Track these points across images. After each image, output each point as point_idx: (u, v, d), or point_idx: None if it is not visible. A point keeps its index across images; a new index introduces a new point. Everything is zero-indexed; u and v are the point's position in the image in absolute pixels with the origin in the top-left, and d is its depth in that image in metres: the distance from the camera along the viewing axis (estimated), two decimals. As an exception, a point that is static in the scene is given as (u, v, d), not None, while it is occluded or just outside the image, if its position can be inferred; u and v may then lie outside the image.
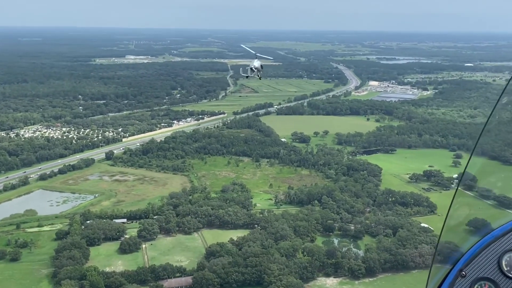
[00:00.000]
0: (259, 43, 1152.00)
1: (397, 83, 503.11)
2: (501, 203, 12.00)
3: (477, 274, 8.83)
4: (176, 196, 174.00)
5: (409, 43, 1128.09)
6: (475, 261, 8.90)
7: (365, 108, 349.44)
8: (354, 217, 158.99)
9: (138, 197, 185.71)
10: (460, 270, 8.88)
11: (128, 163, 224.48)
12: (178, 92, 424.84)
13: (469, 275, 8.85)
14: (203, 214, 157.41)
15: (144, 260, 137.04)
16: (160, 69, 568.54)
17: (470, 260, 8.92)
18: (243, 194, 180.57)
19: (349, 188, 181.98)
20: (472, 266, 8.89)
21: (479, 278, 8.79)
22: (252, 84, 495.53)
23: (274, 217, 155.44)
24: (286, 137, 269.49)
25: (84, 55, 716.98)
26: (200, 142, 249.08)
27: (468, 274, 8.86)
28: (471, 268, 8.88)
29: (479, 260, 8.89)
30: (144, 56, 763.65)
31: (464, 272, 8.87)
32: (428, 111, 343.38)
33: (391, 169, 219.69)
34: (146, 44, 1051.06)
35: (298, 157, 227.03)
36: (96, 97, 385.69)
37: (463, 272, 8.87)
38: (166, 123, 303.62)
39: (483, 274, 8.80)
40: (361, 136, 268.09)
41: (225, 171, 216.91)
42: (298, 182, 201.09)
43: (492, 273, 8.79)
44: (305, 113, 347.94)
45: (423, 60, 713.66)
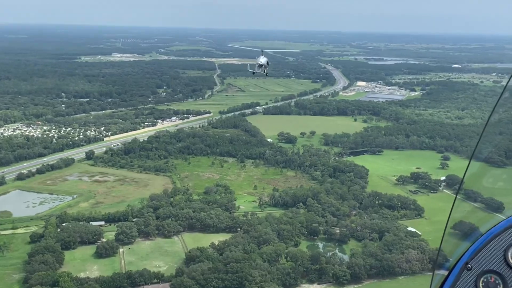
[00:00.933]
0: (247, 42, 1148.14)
1: (385, 84, 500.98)
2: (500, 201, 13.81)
3: (483, 267, 8.72)
4: (157, 198, 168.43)
5: (397, 44, 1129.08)
6: (481, 254, 8.78)
7: (353, 108, 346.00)
8: (340, 220, 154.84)
9: (117, 198, 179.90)
10: (466, 263, 8.79)
11: (109, 163, 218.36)
12: (164, 90, 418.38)
13: (474, 268, 8.75)
14: (184, 217, 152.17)
15: (121, 265, 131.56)
16: (146, 67, 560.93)
17: (475, 253, 8.82)
18: (226, 196, 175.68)
19: (335, 190, 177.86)
20: (478, 259, 8.79)
21: (485, 271, 8.68)
22: (239, 83, 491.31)
23: (258, 220, 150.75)
24: (272, 138, 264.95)
25: (70, 53, 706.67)
26: (184, 142, 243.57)
27: (474, 267, 8.75)
28: (477, 261, 8.78)
29: (485, 253, 8.77)
30: (130, 54, 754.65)
31: (470, 265, 8.76)
32: (415, 112, 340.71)
33: (378, 170, 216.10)
34: (133, 42, 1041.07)
35: (284, 158, 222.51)
36: (79, 95, 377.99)
37: (469, 265, 8.77)
38: (150, 122, 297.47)
39: (489, 267, 8.68)
40: (348, 136, 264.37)
41: (209, 172, 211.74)
42: (283, 184, 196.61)
43: (498, 266, 8.65)
44: (292, 113, 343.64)
45: (411, 61, 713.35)
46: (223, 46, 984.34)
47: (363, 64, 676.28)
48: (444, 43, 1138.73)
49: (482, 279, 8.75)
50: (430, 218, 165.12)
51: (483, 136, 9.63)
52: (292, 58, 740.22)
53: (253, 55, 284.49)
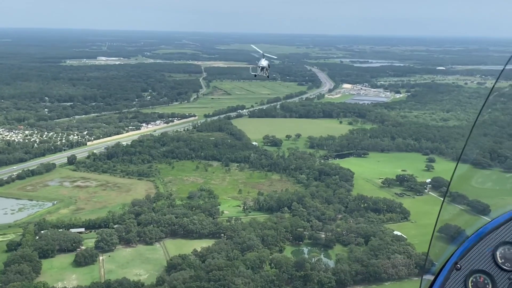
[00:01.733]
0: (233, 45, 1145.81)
1: (370, 86, 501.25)
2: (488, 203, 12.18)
3: (472, 267, 8.77)
4: (139, 203, 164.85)
5: (382, 47, 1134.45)
6: (470, 254, 8.85)
7: (338, 111, 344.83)
8: (325, 224, 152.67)
9: (99, 204, 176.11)
10: (455, 263, 8.81)
11: (91, 168, 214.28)
12: (149, 94, 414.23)
13: (464, 267, 8.80)
14: (166, 223, 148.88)
15: (100, 273, 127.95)
16: (132, 70, 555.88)
17: (465, 253, 8.87)
18: (210, 201, 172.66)
19: (321, 194, 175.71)
20: (467, 259, 8.84)
21: (474, 271, 8.73)
22: (225, 86, 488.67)
23: (242, 225, 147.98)
24: (257, 141, 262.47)
25: (55, 56, 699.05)
26: (168, 146, 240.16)
27: (463, 267, 8.81)
28: (466, 260, 8.83)
29: (474, 253, 8.85)
30: (116, 57, 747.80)
31: (459, 265, 8.82)
32: (400, 114, 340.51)
33: (364, 173, 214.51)
34: (119, 46, 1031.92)
35: (269, 161, 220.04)
36: (63, 99, 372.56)
37: (458, 265, 8.81)
38: (134, 126, 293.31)
39: (478, 266, 8.74)
40: (333, 139, 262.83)
41: (193, 176, 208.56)
42: (268, 188, 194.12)
43: (487, 266, 8.72)
44: (277, 116, 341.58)
45: (396, 64, 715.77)
46: (210, 49, 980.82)
47: (349, 66, 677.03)
48: (429, 46, 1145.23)
49: (471, 279, 8.71)
50: (416, 221, 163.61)
51: (469, 138, 9.64)
52: (279, 61, 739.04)
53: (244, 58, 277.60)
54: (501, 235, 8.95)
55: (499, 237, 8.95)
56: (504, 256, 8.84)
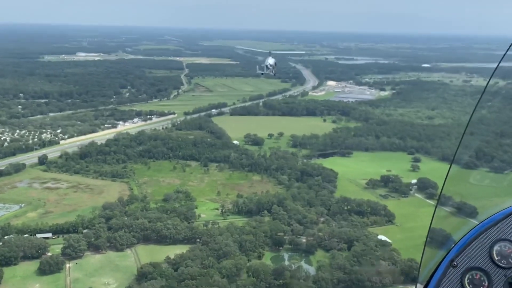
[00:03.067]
0: (217, 41, 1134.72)
1: (355, 83, 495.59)
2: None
3: (468, 264, 8.80)
4: (111, 206, 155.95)
5: (367, 44, 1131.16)
6: (466, 251, 8.85)
7: (322, 108, 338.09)
8: (307, 229, 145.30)
9: (69, 207, 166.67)
10: (451, 260, 8.83)
11: (63, 168, 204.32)
12: (128, 91, 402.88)
13: (460, 265, 8.80)
14: (139, 227, 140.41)
15: (66, 282, 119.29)
16: (111, 66, 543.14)
17: (461, 250, 8.87)
18: (186, 203, 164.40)
19: (302, 195, 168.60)
20: (463, 256, 8.85)
21: (470, 268, 8.75)
22: (207, 83, 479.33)
23: (218, 230, 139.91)
24: (238, 139, 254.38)
25: (32, 52, 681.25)
26: (145, 145, 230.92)
27: (460, 264, 8.81)
28: (462, 258, 8.84)
29: (470, 250, 8.86)
30: (96, 53, 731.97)
31: (456, 262, 8.82)
32: (385, 112, 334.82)
33: (347, 173, 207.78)
34: (100, 41, 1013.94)
35: (249, 161, 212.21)
36: (38, 96, 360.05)
37: (454, 262, 8.82)
38: (110, 124, 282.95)
39: (474, 263, 8.78)
40: (317, 138, 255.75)
41: (169, 177, 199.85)
42: (248, 189, 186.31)
43: (483, 263, 8.74)
44: (260, 114, 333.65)
45: (381, 61, 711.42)
46: (193, 45, 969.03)
47: (334, 63, 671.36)
48: (414, 43, 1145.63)
49: (468, 276, 8.67)
50: (401, 224, 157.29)
51: (463, 139, 9.64)
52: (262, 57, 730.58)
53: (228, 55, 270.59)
54: (498, 233, 8.79)
55: (495, 234, 8.79)
56: (501, 253, 8.68)
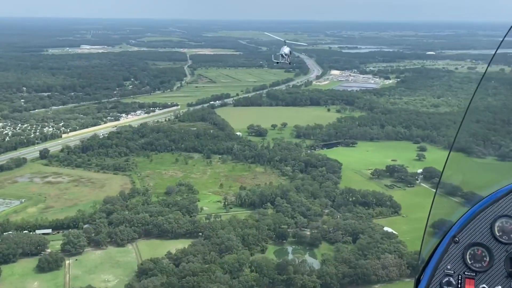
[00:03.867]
0: (221, 32, 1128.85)
1: (359, 72, 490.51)
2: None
3: (470, 240, 8.85)
4: (112, 201, 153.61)
5: (371, 32, 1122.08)
6: (468, 227, 8.92)
7: (326, 98, 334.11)
8: (311, 221, 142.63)
9: (70, 202, 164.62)
10: (453, 237, 8.90)
11: (64, 162, 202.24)
12: (131, 83, 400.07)
13: (462, 241, 8.87)
14: (140, 222, 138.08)
15: (65, 280, 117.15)
16: (115, 59, 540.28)
17: (463, 227, 8.94)
18: (188, 196, 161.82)
19: (306, 187, 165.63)
20: (465, 232, 8.91)
21: (472, 244, 8.82)
22: (210, 74, 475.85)
23: (221, 224, 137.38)
24: (241, 131, 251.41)
25: (37, 45, 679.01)
26: (147, 137, 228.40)
27: (461, 240, 8.87)
28: (464, 234, 8.90)
29: (472, 226, 8.91)
30: (100, 46, 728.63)
31: (457, 238, 8.88)
32: (390, 100, 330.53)
33: (352, 164, 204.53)
34: (104, 34, 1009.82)
35: (253, 153, 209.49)
36: (41, 89, 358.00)
37: (456, 238, 8.88)
38: (113, 116, 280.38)
39: (476, 239, 8.84)
40: (321, 128, 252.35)
41: (172, 169, 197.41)
42: (251, 181, 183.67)
43: (485, 239, 8.81)
44: (263, 104, 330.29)
45: (385, 49, 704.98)
46: (197, 36, 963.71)
47: (337, 52, 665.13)
48: (418, 31, 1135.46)
49: (469, 252, 8.76)
50: (407, 215, 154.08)
51: (462, 126, 9.80)
52: (266, 48, 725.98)
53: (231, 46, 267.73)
54: (500, 209, 8.87)
55: (497, 210, 8.85)
56: (502, 229, 8.74)
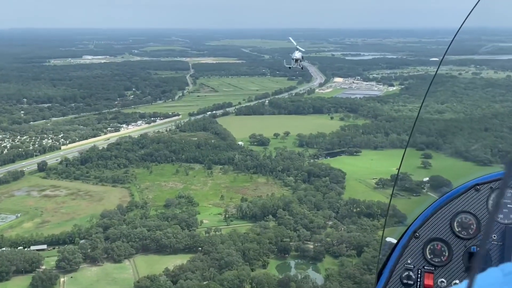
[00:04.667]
0: (223, 41, 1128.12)
1: (362, 79, 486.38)
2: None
3: (430, 235, 8.97)
4: (109, 215, 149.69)
5: (374, 39, 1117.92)
6: (428, 223, 9.04)
7: (329, 106, 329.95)
8: (314, 234, 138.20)
9: (67, 216, 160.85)
10: (414, 232, 9.03)
11: (62, 174, 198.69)
12: (132, 93, 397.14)
13: (422, 236, 8.99)
14: (137, 237, 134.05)
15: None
16: (117, 69, 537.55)
17: (423, 222, 9.07)
18: (188, 209, 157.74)
19: (309, 198, 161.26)
20: (425, 228, 9.03)
21: (431, 239, 8.95)
22: (213, 83, 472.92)
23: (220, 238, 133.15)
24: (243, 140, 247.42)
25: (39, 56, 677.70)
26: (147, 148, 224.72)
27: (421, 235, 8.99)
28: (424, 229, 9.03)
29: (432, 222, 9.04)
30: (102, 56, 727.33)
31: (418, 233, 9.01)
32: (394, 107, 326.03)
33: (356, 173, 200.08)
34: (107, 44, 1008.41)
35: (254, 163, 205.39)
36: (41, 100, 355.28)
37: (417, 233, 9.00)
38: (113, 127, 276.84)
39: (436, 235, 8.96)
40: (324, 137, 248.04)
41: (172, 181, 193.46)
42: (253, 192, 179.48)
43: (444, 234, 8.94)
44: (266, 113, 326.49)
45: (389, 56, 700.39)
46: (199, 45, 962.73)
47: (340, 59, 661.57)
48: (421, 37, 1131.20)
49: (429, 246, 8.87)
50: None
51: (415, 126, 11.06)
52: (268, 56, 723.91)
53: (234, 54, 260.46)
54: (459, 205, 8.99)
55: (457, 207, 8.96)
56: (461, 225, 8.91)
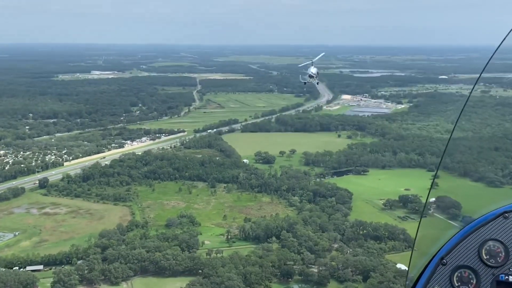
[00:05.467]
0: (232, 57, 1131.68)
1: (371, 97, 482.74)
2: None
3: (457, 262, 8.89)
4: (108, 234, 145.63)
5: (382, 56, 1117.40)
6: (456, 250, 8.96)
7: (336, 123, 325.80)
8: (318, 257, 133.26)
9: (65, 235, 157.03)
10: (441, 258, 8.92)
11: (63, 192, 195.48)
12: (139, 109, 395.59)
13: (449, 263, 8.90)
14: (136, 258, 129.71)
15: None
16: (124, 84, 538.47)
17: (451, 249, 8.97)
18: (189, 229, 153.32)
19: (314, 219, 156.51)
20: (453, 255, 8.94)
21: (459, 266, 8.86)
22: (219, 99, 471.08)
23: (221, 261, 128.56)
24: (248, 158, 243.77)
25: (48, 71, 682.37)
26: (150, 165, 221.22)
27: (449, 262, 8.90)
28: (452, 256, 8.94)
29: (460, 249, 8.96)
30: (110, 71, 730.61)
31: (445, 260, 8.90)
32: (403, 126, 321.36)
33: (363, 193, 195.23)
34: (116, 60, 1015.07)
35: (259, 181, 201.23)
36: (47, 115, 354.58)
37: (444, 260, 8.90)
38: (117, 143, 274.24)
39: (463, 262, 8.89)
40: (330, 155, 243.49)
41: (174, 199, 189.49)
42: (257, 212, 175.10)
43: (472, 261, 8.86)
44: (272, 130, 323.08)
45: (397, 73, 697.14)
46: (207, 61, 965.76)
47: (348, 77, 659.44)
48: (430, 55, 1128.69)
49: (457, 274, 8.77)
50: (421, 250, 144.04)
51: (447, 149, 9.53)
52: (276, 72, 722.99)
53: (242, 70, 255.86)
54: (487, 232, 8.89)
55: (485, 234, 8.86)
56: (489, 253, 8.78)
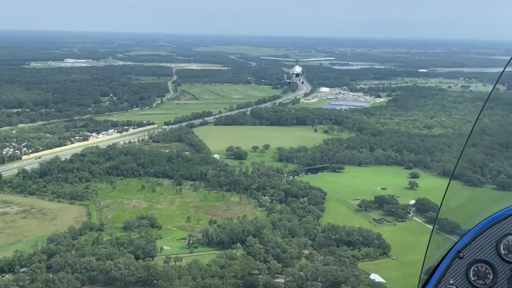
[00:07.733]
0: (212, 47, 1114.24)
1: (349, 90, 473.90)
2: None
3: (474, 256, 8.82)
4: (57, 239, 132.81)
5: (363, 49, 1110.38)
6: (473, 244, 8.87)
7: (313, 117, 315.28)
8: (286, 266, 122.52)
9: (13, 237, 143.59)
10: (458, 252, 8.87)
11: (17, 188, 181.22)
12: (109, 99, 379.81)
13: (466, 256, 8.84)
14: (84, 267, 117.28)
15: None
16: (97, 73, 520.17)
17: (468, 242, 8.90)
18: (148, 233, 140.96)
19: (283, 223, 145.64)
20: (470, 248, 8.87)
21: (476, 260, 8.79)
22: (194, 90, 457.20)
23: (179, 271, 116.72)
24: (219, 153, 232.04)
25: (20, 59, 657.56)
26: (113, 160, 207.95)
27: (466, 256, 8.84)
28: (469, 250, 8.87)
29: (477, 243, 8.87)
30: (85, 59, 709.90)
31: (462, 253, 8.85)
32: (381, 120, 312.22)
33: (338, 193, 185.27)
34: (92, 47, 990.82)
35: (228, 179, 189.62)
36: (12, 105, 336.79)
37: (461, 253, 8.85)
38: (81, 136, 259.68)
39: (481, 256, 8.80)
40: (305, 151, 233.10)
41: (136, 198, 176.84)
42: (223, 213, 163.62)
43: (490, 256, 8.77)
44: (246, 123, 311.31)
45: (377, 66, 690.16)
46: (186, 51, 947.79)
47: (328, 69, 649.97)
48: (410, 48, 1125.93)
49: (473, 268, 8.72)
50: (397, 257, 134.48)
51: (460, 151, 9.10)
52: (255, 63, 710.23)
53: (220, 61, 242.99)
54: (506, 227, 8.80)
55: (503, 229, 8.77)
56: (508, 248, 8.69)
